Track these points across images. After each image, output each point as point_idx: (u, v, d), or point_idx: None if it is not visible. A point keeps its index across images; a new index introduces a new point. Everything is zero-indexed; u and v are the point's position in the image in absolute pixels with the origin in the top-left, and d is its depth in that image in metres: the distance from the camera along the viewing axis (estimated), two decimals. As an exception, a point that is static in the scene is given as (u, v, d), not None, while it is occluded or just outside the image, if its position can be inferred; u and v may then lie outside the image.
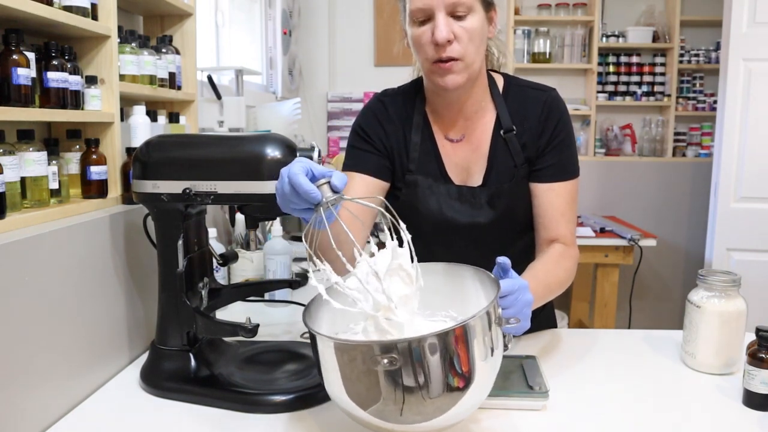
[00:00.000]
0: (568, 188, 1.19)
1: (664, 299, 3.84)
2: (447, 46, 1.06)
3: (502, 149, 1.19)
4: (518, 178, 1.19)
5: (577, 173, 1.21)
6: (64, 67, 1.10)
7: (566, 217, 1.19)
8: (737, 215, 2.99)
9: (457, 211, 1.20)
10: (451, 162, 1.21)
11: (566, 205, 1.19)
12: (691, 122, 3.80)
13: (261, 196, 1.00)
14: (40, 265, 0.94)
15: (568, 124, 1.20)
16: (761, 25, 2.88)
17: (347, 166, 1.23)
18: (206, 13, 2.49)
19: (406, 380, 0.71)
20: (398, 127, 1.23)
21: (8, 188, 0.96)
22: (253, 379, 1.05)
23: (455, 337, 0.72)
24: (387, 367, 0.70)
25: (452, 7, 1.05)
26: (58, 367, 0.99)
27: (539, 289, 1.03)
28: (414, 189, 1.21)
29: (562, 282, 1.15)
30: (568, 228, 1.19)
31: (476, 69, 1.12)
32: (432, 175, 1.21)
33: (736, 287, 1.11)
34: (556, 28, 3.74)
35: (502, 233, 1.21)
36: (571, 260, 1.18)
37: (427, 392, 0.72)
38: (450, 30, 1.05)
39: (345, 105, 3.79)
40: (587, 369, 1.17)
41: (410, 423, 0.74)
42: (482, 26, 1.09)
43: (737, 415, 0.99)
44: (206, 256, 1.16)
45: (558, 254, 1.16)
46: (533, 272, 1.09)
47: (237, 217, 1.87)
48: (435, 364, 0.71)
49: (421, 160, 1.21)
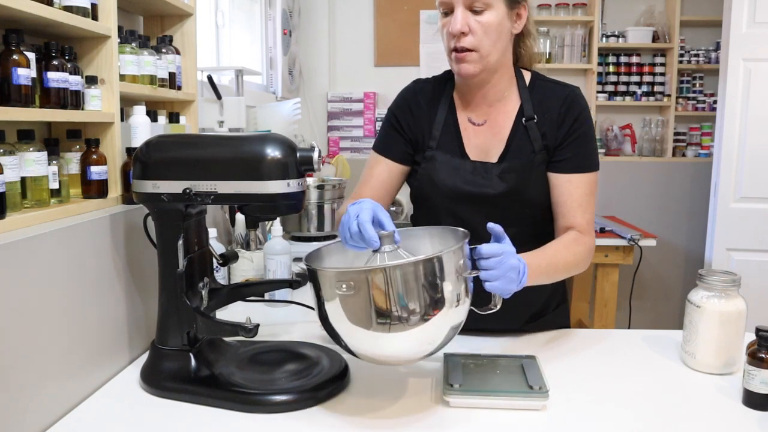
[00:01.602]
0: (586, 180, 1.23)
1: (664, 299, 3.84)
2: (462, 37, 1.17)
3: (522, 135, 1.25)
4: (534, 162, 1.24)
5: (596, 167, 1.26)
6: (64, 67, 1.10)
7: (583, 208, 1.23)
8: (737, 215, 2.99)
9: (468, 183, 1.26)
10: (471, 143, 1.29)
11: (584, 197, 1.23)
12: (691, 122, 3.80)
13: (261, 196, 1.00)
14: (40, 265, 0.94)
15: (588, 120, 1.25)
16: (761, 25, 2.88)
17: (377, 146, 1.36)
18: (206, 13, 2.49)
19: (356, 306, 0.88)
20: (425, 111, 1.33)
21: (8, 188, 0.96)
22: (253, 379, 1.05)
23: (401, 272, 0.87)
24: (344, 292, 0.88)
25: (470, 2, 1.16)
26: (59, 367, 0.99)
27: (542, 263, 1.12)
28: (432, 163, 1.29)
29: (569, 264, 1.19)
30: (584, 217, 1.23)
31: (493, 61, 1.20)
32: (451, 152, 1.29)
33: (736, 287, 1.11)
34: (556, 28, 3.73)
35: (509, 208, 1.26)
36: (583, 246, 1.21)
37: (370, 320, 0.88)
38: (465, 23, 1.16)
39: (345, 105, 3.79)
40: (587, 369, 1.17)
41: (361, 350, 0.92)
42: (501, 22, 1.18)
43: (737, 415, 0.99)
44: (206, 256, 1.16)
45: (570, 239, 1.21)
46: (541, 249, 1.16)
47: (237, 217, 1.87)
48: (379, 295, 0.87)
49: (442, 138, 1.30)
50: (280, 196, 1.01)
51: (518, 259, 1.04)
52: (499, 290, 1.01)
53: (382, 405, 1.02)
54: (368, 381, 1.10)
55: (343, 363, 1.11)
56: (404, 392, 1.06)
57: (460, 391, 1.01)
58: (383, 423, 0.97)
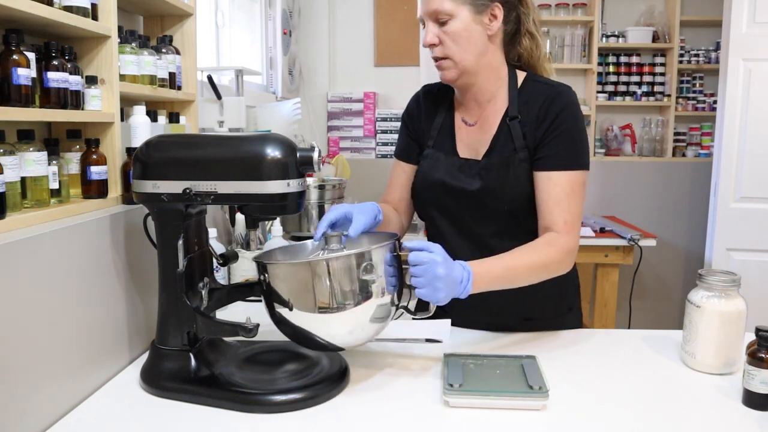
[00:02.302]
0: (568, 178, 1.22)
1: (664, 299, 3.84)
2: (433, 48, 1.24)
3: (506, 134, 1.27)
4: (515, 160, 1.25)
5: (581, 166, 1.23)
6: (64, 67, 1.10)
7: (562, 207, 1.21)
8: (737, 215, 2.99)
9: (454, 178, 1.31)
10: (463, 141, 1.34)
11: (563, 195, 1.21)
12: (691, 122, 3.80)
13: (261, 196, 1.00)
14: (40, 265, 0.94)
15: (571, 117, 1.24)
16: (761, 25, 2.88)
17: (395, 152, 1.46)
18: (206, 13, 2.49)
19: (273, 296, 1.03)
20: (428, 114, 1.40)
21: (8, 188, 0.96)
22: (253, 379, 1.05)
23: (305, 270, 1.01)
24: (263, 280, 1.04)
25: (435, 15, 1.22)
26: (58, 367, 0.99)
27: (496, 269, 1.12)
28: (428, 160, 1.36)
29: (535, 267, 1.16)
30: (561, 216, 1.20)
31: (469, 65, 1.24)
32: (444, 150, 1.35)
33: (736, 287, 1.11)
34: (556, 28, 3.73)
35: (488, 204, 1.28)
36: (555, 247, 1.19)
37: (283, 309, 1.03)
38: (434, 35, 1.23)
39: (345, 105, 3.79)
40: (587, 369, 1.17)
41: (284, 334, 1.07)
42: (467, 28, 1.21)
43: (737, 415, 0.99)
44: (206, 256, 1.16)
45: (543, 241, 1.20)
46: (502, 255, 1.16)
47: (237, 217, 1.87)
48: (283, 287, 1.02)
49: (439, 137, 1.36)
50: (280, 196, 1.01)
51: (461, 267, 1.06)
52: (425, 297, 1.04)
53: (382, 405, 1.02)
54: (368, 381, 1.10)
55: (343, 363, 1.11)
56: (404, 392, 1.06)
57: (460, 391, 1.01)
58: (383, 423, 0.97)
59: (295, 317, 1.02)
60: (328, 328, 1.03)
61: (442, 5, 1.20)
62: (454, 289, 1.05)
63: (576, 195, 1.22)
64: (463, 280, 1.06)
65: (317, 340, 1.04)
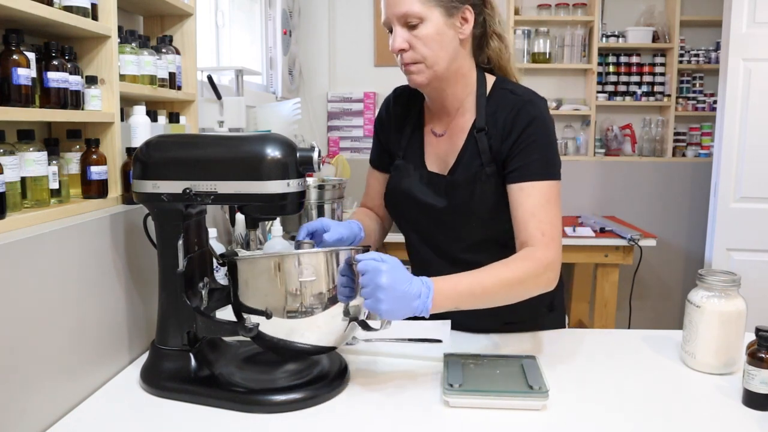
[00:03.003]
0: (540, 189, 1.16)
1: (664, 299, 3.84)
2: (403, 53, 1.18)
3: (472, 147, 1.23)
4: (482, 176, 1.21)
5: (552, 176, 1.17)
6: (64, 67, 1.10)
7: (537, 218, 1.14)
8: (737, 215, 2.99)
9: (422, 193, 1.28)
10: (432, 152, 1.30)
11: (537, 206, 1.15)
12: (691, 122, 3.80)
13: (261, 196, 1.00)
14: (40, 265, 0.94)
15: (539, 129, 1.18)
16: (761, 25, 2.88)
17: (370, 159, 1.44)
18: (206, 13, 2.49)
19: (233, 289, 1.05)
20: (398, 121, 1.35)
21: (8, 188, 0.96)
22: (253, 379, 1.05)
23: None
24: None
25: (404, 19, 1.15)
26: (59, 367, 0.99)
27: (462, 286, 1.05)
28: (398, 172, 1.33)
29: (507, 282, 1.08)
30: (538, 229, 1.14)
31: (441, 69, 1.18)
32: (413, 162, 1.31)
33: (736, 287, 1.11)
34: (556, 28, 3.73)
35: (456, 221, 1.25)
36: (531, 261, 1.11)
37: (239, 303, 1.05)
38: (404, 39, 1.16)
39: (345, 105, 3.79)
40: (587, 369, 1.17)
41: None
42: (439, 31, 1.16)
43: (737, 415, 0.99)
44: (206, 256, 1.16)
45: (518, 256, 1.13)
46: (470, 272, 1.08)
47: (237, 217, 1.87)
48: (238, 281, 1.04)
49: (408, 148, 1.33)
50: (280, 196, 1.01)
51: (420, 282, 1.00)
52: (369, 308, 1.00)
53: (382, 405, 1.02)
54: (368, 381, 1.10)
55: (343, 363, 1.11)
56: (404, 392, 1.06)
57: (460, 391, 1.01)
58: (383, 423, 0.97)
59: (253, 316, 1.03)
60: (277, 327, 1.02)
61: (411, 7, 1.13)
62: (407, 304, 0.98)
63: (551, 205, 1.16)
64: (421, 296, 0.99)
65: (267, 338, 1.03)
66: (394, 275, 0.98)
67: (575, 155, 3.81)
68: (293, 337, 1.03)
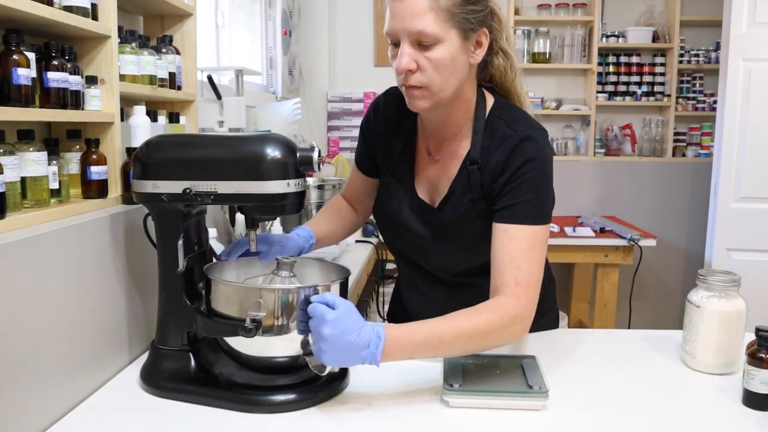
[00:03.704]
0: (526, 234, 1.07)
1: (664, 299, 3.84)
2: (409, 75, 1.06)
3: (464, 180, 1.16)
4: (472, 213, 1.15)
5: (541, 221, 1.09)
6: (64, 67, 1.10)
7: (515, 264, 1.06)
8: (737, 215, 2.99)
9: (411, 219, 1.22)
10: (424, 176, 1.23)
11: (519, 251, 1.06)
12: (691, 122, 3.80)
13: (261, 196, 1.00)
14: (40, 265, 0.94)
15: (534, 169, 1.09)
16: (761, 25, 2.88)
17: (355, 156, 1.38)
18: (206, 13, 2.49)
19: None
20: (387, 129, 1.27)
21: (8, 188, 0.96)
22: (253, 379, 1.05)
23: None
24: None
25: (416, 37, 1.03)
26: (58, 367, 0.99)
27: (417, 336, 0.98)
28: (387, 190, 1.26)
29: (467, 334, 1.00)
30: (513, 276, 1.05)
31: (446, 97, 1.09)
32: (403, 183, 1.24)
33: (736, 287, 1.11)
34: (556, 28, 3.73)
35: (443, 251, 1.21)
36: (497, 313, 1.02)
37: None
38: (412, 60, 1.04)
39: (345, 105, 3.79)
40: (587, 369, 1.17)
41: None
42: (453, 56, 1.05)
43: (737, 415, 0.99)
44: (206, 256, 1.16)
45: (484, 306, 1.04)
46: (429, 320, 1.01)
47: (237, 217, 1.87)
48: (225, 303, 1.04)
49: (398, 165, 1.25)
50: (280, 196, 1.01)
51: (371, 330, 0.94)
52: (316, 356, 0.95)
53: (382, 405, 1.02)
54: (368, 381, 1.10)
55: (343, 363, 1.11)
56: (404, 392, 1.06)
57: (460, 391, 1.01)
58: (383, 423, 0.97)
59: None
60: (243, 344, 1.02)
61: (428, 27, 1.01)
62: (354, 354, 0.93)
63: (534, 252, 1.07)
64: (370, 346, 0.93)
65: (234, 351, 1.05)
66: (339, 325, 0.92)
67: (575, 155, 3.81)
68: (253, 351, 1.03)
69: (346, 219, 1.40)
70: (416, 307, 1.35)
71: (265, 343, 1.00)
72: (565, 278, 3.74)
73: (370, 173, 1.35)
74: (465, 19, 1.05)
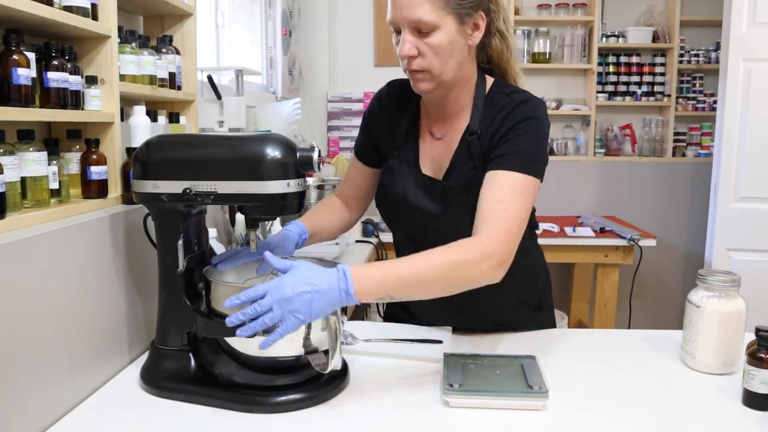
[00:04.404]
0: (515, 179, 1.09)
1: (664, 299, 3.84)
2: (411, 60, 1.12)
3: (465, 151, 1.20)
4: (476, 181, 1.16)
5: (532, 172, 1.11)
6: (64, 67, 1.10)
7: (499, 206, 1.07)
8: (737, 215, 2.98)
9: (417, 197, 1.24)
10: (427, 155, 1.27)
11: (505, 195, 1.08)
12: (691, 122, 3.80)
13: (261, 196, 1.00)
14: (40, 265, 0.94)
15: (530, 127, 1.14)
16: (761, 25, 2.88)
17: (354, 148, 1.40)
18: (206, 13, 2.49)
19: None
20: (392, 118, 1.31)
21: (8, 188, 0.96)
22: (253, 379, 1.05)
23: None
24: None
25: (415, 25, 1.09)
26: (58, 367, 0.99)
27: (387, 268, 0.99)
28: (391, 173, 1.28)
29: (440, 264, 1.00)
30: (495, 217, 1.06)
31: (447, 78, 1.15)
32: (407, 163, 1.27)
33: (736, 287, 1.11)
34: (556, 28, 3.73)
35: (452, 226, 1.20)
36: (468, 247, 1.03)
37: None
38: (413, 46, 1.11)
39: (345, 105, 3.79)
40: (587, 369, 1.17)
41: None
42: (451, 41, 1.11)
43: (737, 415, 0.99)
44: (206, 256, 1.16)
45: (457, 242, 1.05)
46: (391, 260, 1.04)
47: (237, 217, 1.87)
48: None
49: (403, 148, 1.29)
50: (280, 196, 1.01)
51: (333, 270, 0.96)
52: (289, 331, 0.94)
53: (382, 405, 1.02)
54: (368, 381, 1.10)
55: (343, 363, 1.11)
56: (404, 392, 1.06)
57: (460, 391, 1.01)
58: (383, 423, 0.97)
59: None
60: (243, 344, 1.02)
61: (425, 15, 1.08)
62: (327, 299, 0.94)
63: (521, 198, 1.09)
64: (339, 282, 0.95)
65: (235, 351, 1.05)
66: (300, 279, 0.94)
67: (575, 155, 3.81)
68: (253, 351, 1.02)
69: (338, 215, 1.40)
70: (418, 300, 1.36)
71: None
72: (565, 278, 3.74)
73: (370, 163, 1.36)
74: (460, 5, 1.11)
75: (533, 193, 1.12)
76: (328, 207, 1.41)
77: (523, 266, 1.17)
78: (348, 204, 1.42)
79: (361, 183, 1.39)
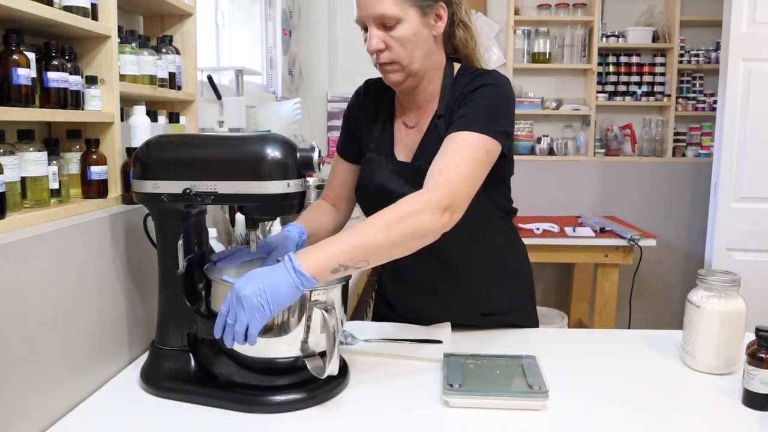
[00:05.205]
0: (469, 139, 1.10)
1: (664, 299, 3.84)
2: (380, 54, 1.18)
3: (433, 133, 1.24)
4: None
5: (489, 132, 1.11)
6: (64, 67, 1.10)
7: (446, 160, 1.08)
8: (737, 215, 2.98)
9: (395, 184, 1.25)
10: (402, 144, 1.31)
11: (454, 151, 1.09)
12: (691, 122, 3.80)
13: (261, 196, 1.00)
14: (40, 265, 0.94)
15: (486, 91, 1.17)
16: (761, 25, 2.88)
17: (337, 147, 1.43)
18: (206, 13, 2.49)
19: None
20: (368, 113, 1.36)
21: (8, 188, 0.96)
22: (253, 379, 1.05)
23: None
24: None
25: (380, 20, 1.15)
26: (58, 367, 0.99)
27: (332, 239, 0.99)
28: (369, 165, 1.32)
29: (377, 223, 1.01)
30: (440, 170, 1.07)
31: (416, 68, 1.20)
32: (384, 154, 1.31)
33: (736, 287, 1.11)
34: (556, 28, 3.73)
35: None
36: (408, 200, 1.04)
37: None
38: (380, 40, 1.16)
39: (345, 105, 3.78)
40: (587, 369, 1.17)
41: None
42: (415, 32, 1.16)
43: (737, 415, 0.99)
44: (206, 256, 1.16)
45: (397, 202, 1.04)
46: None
47: (237, 217, 1.87)
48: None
49: (379, 141, 1.33)
50: (281, 196, 1.01)
51: (281, 263, 0.96)
52: (257, 324, 0.94)
53: (382, 405, 1.02)
54: (368, 381, 1.10)
55: (343, 363, 1.11)
56: (404, 392, 1.06)
57: (460, 391, 1.01)
58: (383, 423, 0.97)
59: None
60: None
61: (388, 9, 1.13)
62: (279, 285, 0.93)
63: (465, 153, 1.09)
64: (285, 262, 0.95)
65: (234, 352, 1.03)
66: (255, 281, 0.94)
67: (575, 155, 3.81)
68: (253, 352, 1.01)
69: (330, 216, 1.41)
70: (400, 294, 1.41)
71: (265, 344, 1.00)
72: (565, 278, 3.74)
73: (354, 159, 1.38)
74: None
75: (488, 151, 1.11)
76: (319, 209, 1.42)
77: (500, 252, 1.25)
78: (337, 206, 1.43)
79: (346, 181, 1.40)
